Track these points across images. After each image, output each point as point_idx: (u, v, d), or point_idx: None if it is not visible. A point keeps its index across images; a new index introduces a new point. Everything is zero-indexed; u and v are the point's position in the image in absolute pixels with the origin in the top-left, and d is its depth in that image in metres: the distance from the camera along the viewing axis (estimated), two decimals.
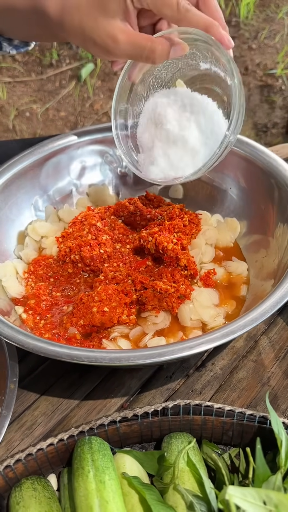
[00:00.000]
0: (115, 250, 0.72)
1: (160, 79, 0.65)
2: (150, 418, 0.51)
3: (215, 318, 0.64)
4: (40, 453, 0.49)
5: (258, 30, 2.33)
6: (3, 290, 0.68)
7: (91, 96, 2.03)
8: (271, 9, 2.48)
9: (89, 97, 2.02)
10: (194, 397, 0.60)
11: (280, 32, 2.31)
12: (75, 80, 2.13)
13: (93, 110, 1.97)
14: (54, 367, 0.64)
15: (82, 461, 0.46)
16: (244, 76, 2.11)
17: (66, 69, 2.20)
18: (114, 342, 0.62)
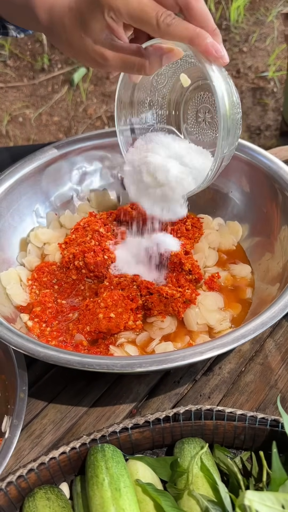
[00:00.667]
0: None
1: (162, 75, 0.64)
2: (161, 424, 0.51)
3: (221, 322, 0.65)
4: (53, 462, 0.49)
5: (249, 33, 2.34)
6: (7, 298, 0.67)
7: (84, 101, 2.02)
8: (261, 12, 2.50)
9: (82, 102, 2.02)
10: (202, 401, 0.60)
11: (270, 35, 2.32)
12: (67, 85, 2.13)
13: (87, 114, 1.97)
14: (61, 375, 0.64)
15: (96, 469, 0.46)
16: (236, 79, 2.12)
17: (58, 74, 2.19)
18: (121, 348, 0.62)
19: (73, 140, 0.81)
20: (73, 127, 1.93)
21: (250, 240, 0.74)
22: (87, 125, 1.93)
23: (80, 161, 0.82)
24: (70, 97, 2.04)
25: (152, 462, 0.50)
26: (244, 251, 0.75)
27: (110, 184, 0.84)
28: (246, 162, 0.76)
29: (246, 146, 0.75)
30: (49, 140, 1.87)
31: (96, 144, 0.82)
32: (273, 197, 0.71)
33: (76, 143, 0.81)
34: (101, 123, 1.94)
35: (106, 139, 0.82)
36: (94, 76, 2.14)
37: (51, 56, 2.27)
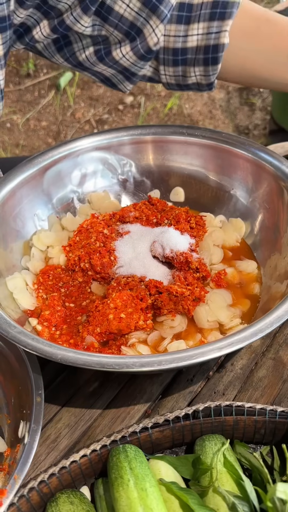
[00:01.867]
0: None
1: None
2: (181, 422, 0.50)
3: (231, 318, 0.65)
4: (74, 466, 0.48)
5: None
6: (15, 302, 0.67)
7: (72, 105, 2.02)
8: None
9: (70, 106, 2.02)
10: (217, 398, 0.60)
11: None
12: (54, 90, 2.12)
13: (75, 118, 1.97)
14: (73, 377, 0.63)
15: (120, 470, 0.46)
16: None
17: (44, 79, 2.19)
18: (133, 348, 0.62)
19: (72, 141, 0.80)
20: (62, 132, 1.92)
21: (254, 236, 0.75)
22: (75, 129, 1.92)
23: (79, 163, 0.81)
24: (58, 101, 2.04)
25: (173, 460, 0.50)
26: (249, 247, 0.75)
27: (110, 185, 0.84)
28: (248, 159, 0.76)
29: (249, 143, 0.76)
30: (38, 145, 1.87)
31: (95, 146, 0.81)
32: (279, 194, 0.71)
33: (75, 144, 0.80)
34: (90, 127, 1.93)
35: (105, 140, 0.82)
36: (80, 80, 2.14)
37: (36, 61, 2.26)
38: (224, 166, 0.80)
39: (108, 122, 1.94)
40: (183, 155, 0.82)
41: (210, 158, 0.80)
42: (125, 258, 0.71)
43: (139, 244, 0.72)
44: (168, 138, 0.82)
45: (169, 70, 0.70)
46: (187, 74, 0.70)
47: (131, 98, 2.05)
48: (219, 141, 0.79)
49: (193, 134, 0.81)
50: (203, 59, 0.67)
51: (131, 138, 0.82)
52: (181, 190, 0.84)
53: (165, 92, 2.05)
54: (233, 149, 0.78)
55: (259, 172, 0.76)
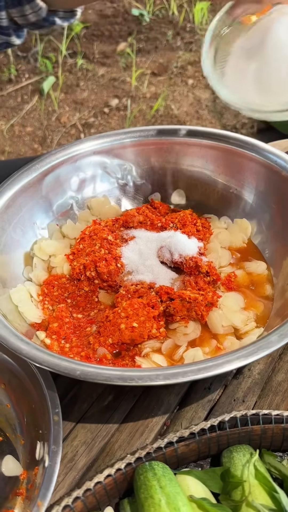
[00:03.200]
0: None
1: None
2: (207, 434, 0.48)
3: (246, 322, 0.63)
4: (99, 487, 0.46)
5: None
6: (20, 316, 0.64)
7: (57, 109, 1.99)
8: None
9: (55, 111, 1.99)
10: (237, 406, 0.58)
11: None
12: (37, 94, 2.09)
13: (60, 123, 1.94)
14: (85, 392, 0.61)
15: (150, 489, 0.43)
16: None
17: (27, 84, 2.15)
18: (148, 359, 0.60)
19: (69, 146, 0.78)
20: (47, 137, 1.89)
21: (262, 236, 0.73)
22: (61, 134, 1.89)
23: (78, 168, 0.79)
24: (42, 106, 2.00)
25: (201, 475, 0.48)
26: (256, 248, 0.73)
27: (109, 190, 0.82)
28: (251, 158, 0.75)
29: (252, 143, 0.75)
30: (24, 151, 1.83)
31: (94, 150, 0.79)
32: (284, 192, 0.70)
33: (73, 149, 0.78)
34: (76, 131, 1.91)
35: (103, 144, 0.79)
36: (64, 84, 2.11)
37: (17, 66, 2.22)
38: (226, 166, 0.78)
39: (94, 126, 1.92)
40: (183, 156, 0.81)
41: (211, 158, 0.79)
42: (132, 265, 0.69)
43: (145, 249, 0.70)
44: (167, 140, 0.80)
45: (14, 12, 0.68)
46: (25, 13, 0.68)
47: (116, 100, 2.03)
48: (220, 141, 0.78)
49: (193, 135, 0.79)
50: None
51: (130, 141, 0.80)
52: (182, 193, 0.82)
53: (150, 94, 2.04)
54: (234, 149, 0.77)
55: (263, 170, 0.74)
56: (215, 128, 1.86)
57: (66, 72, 2.19)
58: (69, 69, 2.21)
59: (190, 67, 2.18)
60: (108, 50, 2.33)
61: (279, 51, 0.58)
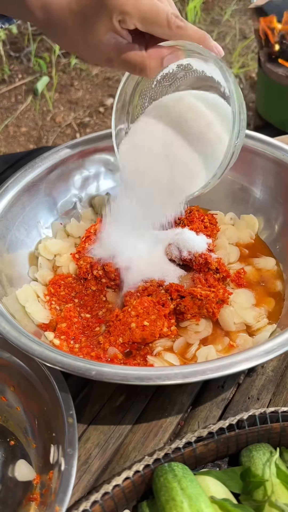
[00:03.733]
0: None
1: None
2: (226, 433, 0.47)
3: (258, 319, 0.62)
4: (117, 490, 0.44)
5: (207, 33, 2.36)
6: (27, 316, 0.62)
7: (51, 109, 1.97)
8: (216, 11, 2.53)
9: (49, 111, 1.97)
10: (252, 404, 0.57)
11: (229, 33, 2.35)
12: (31, 95, 2.07)
13: (55, 123, 1.92)
14: (96, 393, 0.59)
15: (171, 491, 0.42)
16: None
17: (20, 84, 2.13)
18: (160, 358, 0.58)
19: (72, 144, 0.77)
20: (43, 137, 1.87)
21: (270, 232, 0.72)
22: (57, 134, 1.87)
23: (80, 166, 0.78)
24: (37, 106, 1.98)
25: (220, 475, 0.47)
26: (264, 243, 0.73)
27: (113, 188, 0.81)
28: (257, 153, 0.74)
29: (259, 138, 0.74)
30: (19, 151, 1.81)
31: (96, 147, 0.78)
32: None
33: (75, 147, 0.77)
34: (71, 131, 1.89)
35: (106, 141, 0.78)
36: (58, 84, 2.09)
37: (10, 66, 2.20)
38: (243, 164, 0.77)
39: (90, 125, 1.90)
40: None
41: None
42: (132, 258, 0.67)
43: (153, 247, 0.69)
44: None
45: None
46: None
47: (111, 99, 2.01)
48: None
49: None
50: None
51: None
52: None
53: None
54: None
55: (270, 165, 0.73)
56: None
57: (60, 72, 2.17)
58: (62, 69, 2.19)
59: None
60: None
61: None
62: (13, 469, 0.50)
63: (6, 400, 0.57)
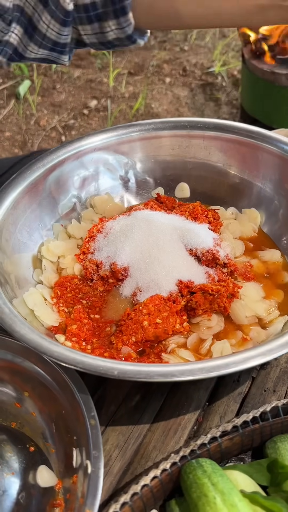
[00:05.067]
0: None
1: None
2: (251, 426, 0.47)
3: (269, 311, 0.62)
4: (146, 490, 0.44)
5: (187, 33, 2.37)
6: (37, 320, 0.61)
7: (35, 113, 1.95)
8: None
9: (33, 114, 1.95)
10: (269, 396, 0.57)
11: (208, 32, 2.36)
12: (13, 99, 2.05)
13: (40, 126, 1.90)
14: (111, 394, 0.59)
15: (202, 487, 0.42)
16: (184, 77, 2.13)
17: (1, 88, 2.11)
18: (174, 354, 0.58)
19: (70, 144, 0.76)
20: (28, 141, 1.85)
21: (274, 225, 0.72)
22: (42, 137, 1.86)
23: (79, 166, 0.77)
24: (20, 110, 1.96)
25: (246, 468, 0.47)
26: (267, 236, 0.73)
27: (112, 187, 0.80)
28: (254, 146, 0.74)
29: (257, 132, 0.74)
30: (4, 156, 1.79)
31: (94, 146, 0.77)
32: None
33: (73, 147, 0.76)
34: (56, 134, 1.87)
35: (104, 140, 0.77)
36: (40, 88, 2.08)
37: None
38: (231, 156, 0.77)
39: (75, 128, 1.89)
40: (185, 148, 0.79)
41: (215, 149, 0.78)
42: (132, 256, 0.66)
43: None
44: (169, 133, 0.79)
45: (87, 29, 0.64)
46: (104, 30, 0.64)
47: (95, 101, 2.01)
48: (223, 131, 0.77)
49: (196, 127, 0.78)
50: (112, 11, 0.62)
51: (130, 136, 0.78)
52: (186, 186, 0.81)
53: (129, 94, 2.03)
54: (239, 138, 0.76)
55: (268, 157, 0.74)
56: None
57: (41, 75, 2.15)
58: (44, 72, 2.17)
59: (166, 66, 2.18)
60: (82, 51, 2.31)
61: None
62: (34, 475, 0.49)
63: (20, 406, 0.56)
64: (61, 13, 0.61)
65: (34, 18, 0.62)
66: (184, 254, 0.64)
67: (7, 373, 0.56)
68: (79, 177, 0.77)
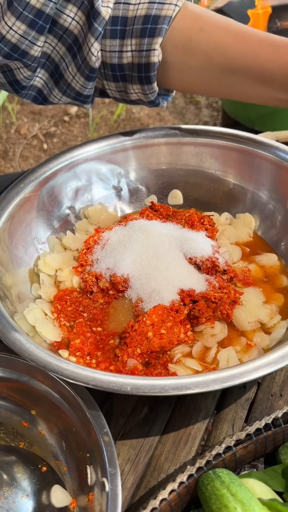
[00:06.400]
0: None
1: None
2: (264, 433, 0.47)
3: (271, 315, 0.63)
4: (164, 504, 0.43)
5: None
6: (39, 336, 0.60)
7: (15, 121, 1.93)
8: None
9: (13, 123, 1.93)
10: (276, 401, 0.58)
11: None
12: None
13: (21, 135, 1.89)
14: (118, 407, 0.58)
15: (222, 498, 0.42)
16: None
17: None
18: (181, 364, 0.58)
19: (61, 155, 0.75)
20: (9, 150, 1.83)
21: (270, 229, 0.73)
22: (23, 146, 1.84)
23: (71, 177, 0.76)
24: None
25: (261, 475, 0.47)
26: (263, 240, 0.73)
27: (105, 197, 0.80)
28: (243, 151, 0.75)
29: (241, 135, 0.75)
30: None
31: (85, 157, 0.77)
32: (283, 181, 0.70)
33: (65, 158, 0.75)
34: (38, 142, 1.86)
35: (96, 150, 0.77)
36: None
37: None
38: (222, 162, 0.78)
39: (56, 135, 1.88)
40: (177, 156, 0.80)
41: (206, 156, 0.78)
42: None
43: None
44: (160, 141, 0.79)
45: (112, 85, 0.66)
46: (128, 90, 0.66)
47: (75, 108, 2.00)
48: (214, 137, 0.77)
49: (186, 134, 0.78)
50: (137, 77, 0.63)
51: (122, 145, 0.78)
52: (179, 193, 0.81)
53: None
54: (230, 144, 0.77)
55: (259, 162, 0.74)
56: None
57: None
58: None
59: None
60: None
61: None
62: (47, 496, 0.49)
63: (28, 425, 0.55)
64: (87, 68, 0.62)
65: (61, 66, 0.63)
66: (184, 263, 0.64)
67: (13, 392, 0.55)
68: (72, 188, 0.77)
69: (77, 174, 0.77)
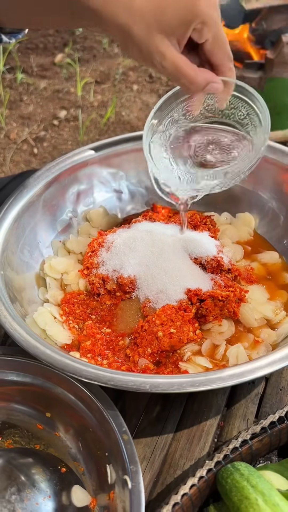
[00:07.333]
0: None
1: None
2: (278, 426, 0.49)
3: (276, 312, 0.64)
4: (186, 499, 0.44)
5: None
6: (49, 339, 0.61)
7: (4, 126, 1.93)
8: None
9: (2, 128, 1.93)
10: (285, 395, 0.59)
11: None
12: None
13: (10, 139, 1.88)
14: (130, 407, 0.59)
15: (242, 490, 0.43)
16: (151, 84, 2.15)
17: None
18: (191, 362, 0.59)
19: (63, 160, 0.76)
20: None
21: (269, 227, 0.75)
22: (13, 150, 1.84)
23: (72, 182, 0.77)
24: None
25: (277, 467, 0.48)
26: (264, 239, 0.75)
27: (106, 199, 0.81)
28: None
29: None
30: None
31: (86, 161, 0.77)
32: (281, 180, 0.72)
33: (66, 162, 0.76)
34: (28, 146, 1.86)
35: (96, 154, 0.78)
36: (7, 101, 2.05)
37: None
38: None
39: (46, 139, 1.88)
40: None
41: None
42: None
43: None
44: None
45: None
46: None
47: (64, 112, 2.00)
48: None
49: None
50: None
51: (122, 148, 0.79)
52: None
53: (97, 102, 2.03)
54: None
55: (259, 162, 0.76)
56: None
57: (7, 87, 2.13)
58: (9, 85, 2.15)
59: (132, 73, 2.19)
60: (46, 62, 2.30)
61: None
62: (67, 496, 0.49)
63: (43, 428, 0.55)
64: None
65: None
66: (189, 263, 0.65)
67: (27, 396, 0.56)
68: (74, 192, 0.78)
69: (78, 178, 0.77)
